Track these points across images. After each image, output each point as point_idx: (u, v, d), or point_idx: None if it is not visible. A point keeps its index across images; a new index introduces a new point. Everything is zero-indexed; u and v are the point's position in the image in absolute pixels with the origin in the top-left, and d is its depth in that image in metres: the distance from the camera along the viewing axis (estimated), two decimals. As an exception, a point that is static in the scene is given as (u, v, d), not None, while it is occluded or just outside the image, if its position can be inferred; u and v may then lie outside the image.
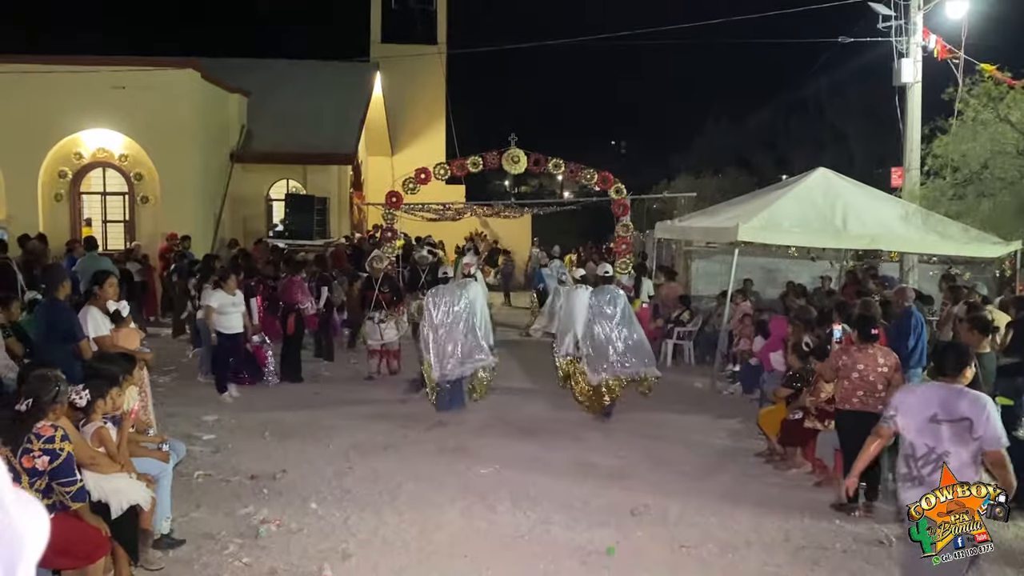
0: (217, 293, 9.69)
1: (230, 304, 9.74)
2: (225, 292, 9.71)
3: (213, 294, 9.72)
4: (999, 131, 12.25)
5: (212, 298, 9.70)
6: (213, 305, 9.64)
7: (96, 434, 4.85)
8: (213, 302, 9.66)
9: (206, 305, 9.78)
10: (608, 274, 10.15)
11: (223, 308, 9.69)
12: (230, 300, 9.74)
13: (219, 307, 9.66)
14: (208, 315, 9.68)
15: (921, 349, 8.19)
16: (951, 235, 10.74)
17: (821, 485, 7.15)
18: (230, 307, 9.74)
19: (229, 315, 9.75)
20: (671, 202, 24.79)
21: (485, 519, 6.12)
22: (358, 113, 22.27)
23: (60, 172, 17.52)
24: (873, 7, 14.26)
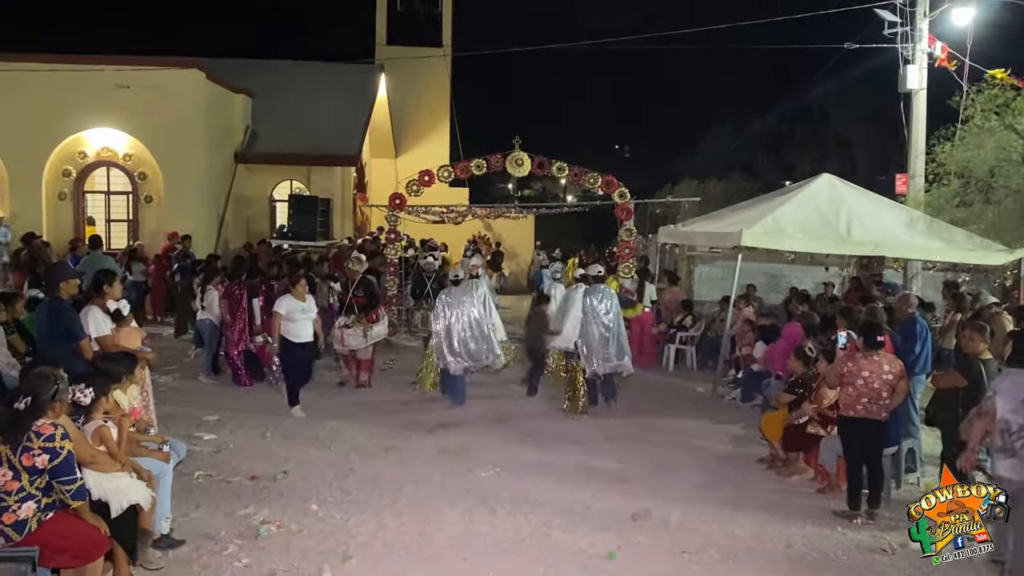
0: (286, 299, 9.07)
1: (299, 311, 9.03)
2: (294, 298, 9.06)
3: (282, 300, 9.09)
4: (1005, 139, 12.21)
5: (281, 304, 9.03)
6: (281, 312, 8.95)
7: (96, 432, 4.84)
8: (281, 308, 8.98)
9: (275, 311, 9.07)
10: (600, 274, 10.52)
11: (291, 315, 8.99)
12: (299, 306, 9.04)
13: (287, 314, 8.97)
14: (275, 322, 8.99)
15: (926, 356, 8.16)
16: (955, 242, 10.70)
17: (823, 492, 7.12)
18: (299, 314, 9.02)
19: (298, 322, 9.01)
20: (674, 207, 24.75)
21: (486, 522, 6.10)
22: (362, 115, 22.27)
23: (64, 171, 17.53)
24: (879, 13, 14.23)
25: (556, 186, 45.35)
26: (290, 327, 8.98)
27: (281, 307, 9.00)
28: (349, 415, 9.20)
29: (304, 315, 9.06)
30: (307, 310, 9.12)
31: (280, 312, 8.97)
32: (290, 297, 9.08)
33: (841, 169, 18.48)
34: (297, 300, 9.06)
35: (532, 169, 13.97)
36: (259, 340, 10.58)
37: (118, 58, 17.67)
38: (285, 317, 8.96)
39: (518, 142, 13.78)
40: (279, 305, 9.04)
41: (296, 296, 9.08)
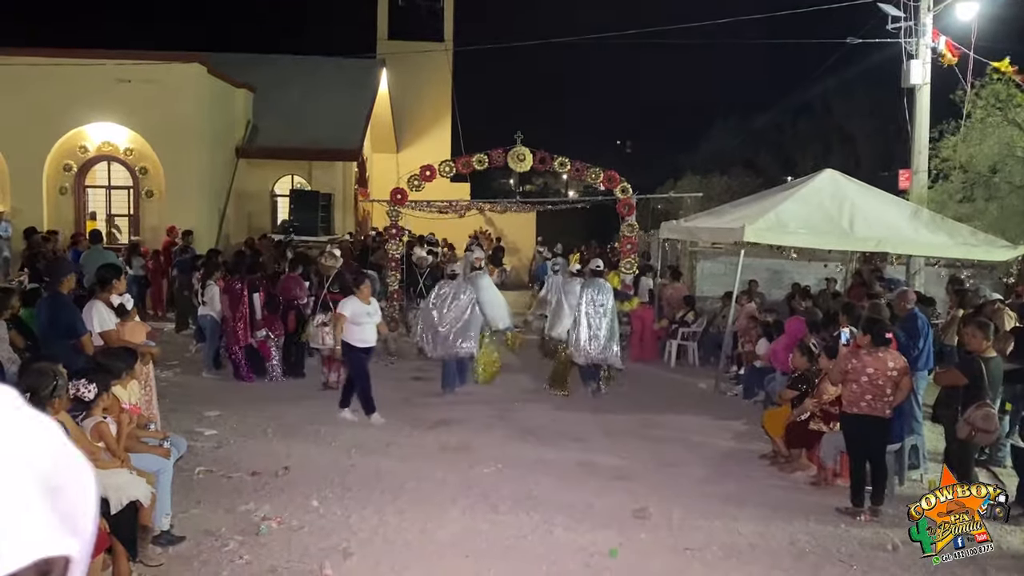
0: (351, 301, 8.65)
1: (364, 313, 8.63)
2: (359, 300, 8.64)
3: (346, 302, 8.67)
4: (1007, 134, 12.18)
5: (345, 306, 8.62)
6: (346, 314, 8.53)
7: (95, 429, 4.82)
8: (346, 311, 8.56)
9: (338, 313, 8.71)
10: (599, 268, 10.84)
11: (357, 318, 8.57)
12: (365, 309, 8.64)
13: (352, 316, 8.55)
14: (339, 324, 8.62)
15: (928, 352, 8.13)
16: (959, 238, 10.66)
17: (817, 484, 7.11)
18: (364, 317, 8.63)
19: (363, 326, 8.63)
20: (677, 202, 24.73)
21: (487, 519, 6.08)
22: (364, 110, 22.25)
23: (65, 165, 17.53)
24: (882, 8, 14.16)
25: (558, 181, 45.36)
26: (355, 331, 8.58)
27: (346, 309, 8.59)
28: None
29: (369, 318, 8.68)
30: (372, 313, 8.74)
31: (345, 315, 8.55)
32: (355, 299, 8.66)
33: (844, 165, 18.42)
34: (362, 302, 8.65)
35: (534, 164, 13.93)
36: (260, 335, 10.57)
37: (119, 52, 17.66)
38: (350, 320, 8.55)
39: (520, 137, 13.74)
40: (343, 307, 8.63)
41: (361, 298, 8.66)
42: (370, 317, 8.69)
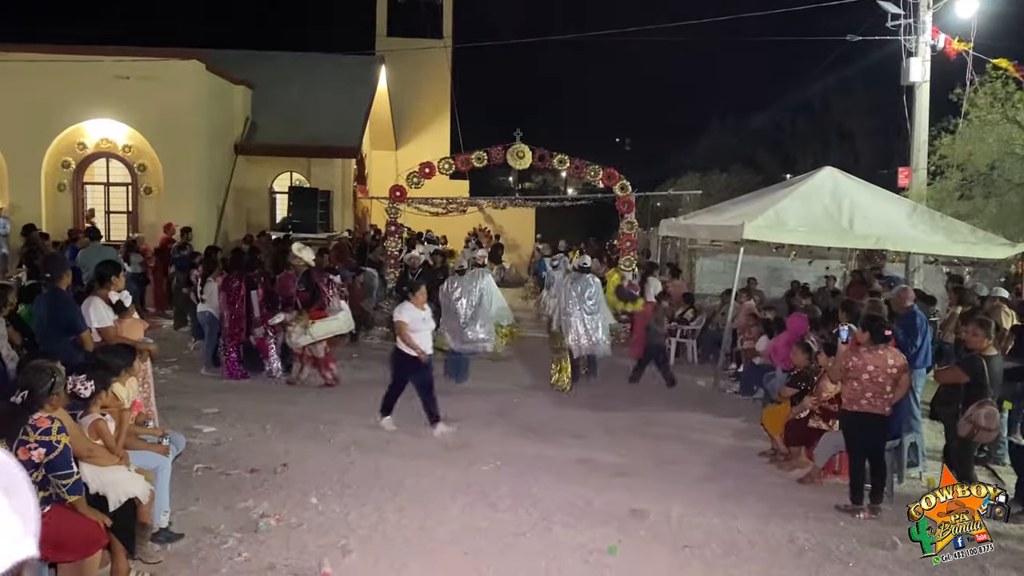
0: (406, 308, 8.31)
1: (420, 320, 8.33)
2: (414, 306, 8.31)
3: (402, 309, 8.36)
4: (1007, 132, 12.16)
5: (402, 313, 8.30)
6: (406, 320, 8.22)
7: (94, 426, 4.81)
8: (405, 317, 8.24)
9: (397, 320, 8.36)
10: (585, 265, 11.28)
11: (413, 324, 8.25)
12: (420, 315, 8.33)
13: (410, 322, 8.23)
14: (403, 332, 8.21)
15: (926, 349, 8.13)
16: (958, 236, 10.65)
17: (803, 482, 7.11)
18: (420, 323, 8.32)
19: (420, 332, 8.34)
20: (676, 200, 24.74)
21: (486, 516, 6.08)
22: (363, 107, 22.22)
23: (63, 162, 17.49)
24: (882, 5, 14.15)
25: (557, 179, 45.33)
26: (412, 337, 8.28)
27: (403, 315, 8.26)
28: (349, 408, 9.16)
29: (424, 325, 8.38)
30: (427, 319, 8.43)
31: (404, 321, 8.24)
32: (410, 305, 8.33)
33: (843, 162, 18.38)
34: (417, 309, 8.32)
35: (533, 162, 13.94)
36: (259, 332, 10.55)
37: (118, 49, 17.63)
38: (410, 327, 8.23)
39: (519, 134, 13.74)
40: (401, 314, 8.31)
41: (415, 304, 8.33)
42: (425, 324, 8.39)
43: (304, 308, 10.19)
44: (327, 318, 10.28)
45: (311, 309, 10.19)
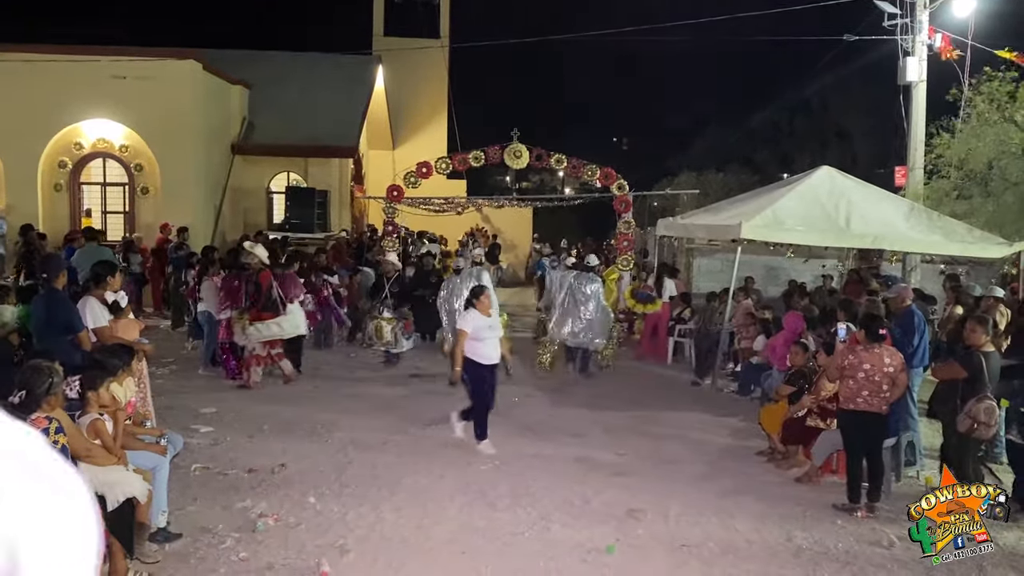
0: (470, 314, 7.73)
1: (486, 327, 7.74)
2: (479, 313, 7.73)
3: (466, 316, 7.79)
4: (1004, 131, 12.19)
5: (466, 321, 7.75)
6: (467, 329, 7.64)
7: (92, 426, 4.80)
8: (467, 326, 7.68)
9: (459, 329, 7.87)
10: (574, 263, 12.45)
11: (478, 332, 7.67)
12: (486, 323, 7.74)
13: (474, 331, 7.64)
14: (460, 341, 7.67)
15: (923, 348, 8.14)
16: (955, 235, 10.68)
17: (800, 481, 7.12)
18: (486, 331, 7.75)
19: (485, 341, 7.74)
20: (673, 199, 24.77)
21: (484, 516, 6.08)
22: (360, 106, 22.20)
23: (60, 162, 17.45)
24: (879, 5, 14.19)
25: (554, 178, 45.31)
26: (477, 347, 7.67)
27: (466, 324, 7.69)
28: (347, 408, 9.17)
29: (491, 332, 7.81)
30: (494, 326, 7.87)
31: (466, 330, 7.65)
32: (475, 312, 7.74)
33: (840, 161, 18.44)
34: (482, 315, 7.75)
35: (530, 161, 13.92)
36: None
37: (114, 49, 17.59)
38: (472, 336, 7.66)
39: (516, 134, 13.72)
40: (464, 323, 7.76)
41: (481, 311, 7.74)
42: (492, 331, 7.83)
43: (247, 308, 9.92)
44: (271, 320, 9.92)
45: (253, 310, 9.87)
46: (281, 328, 10.03)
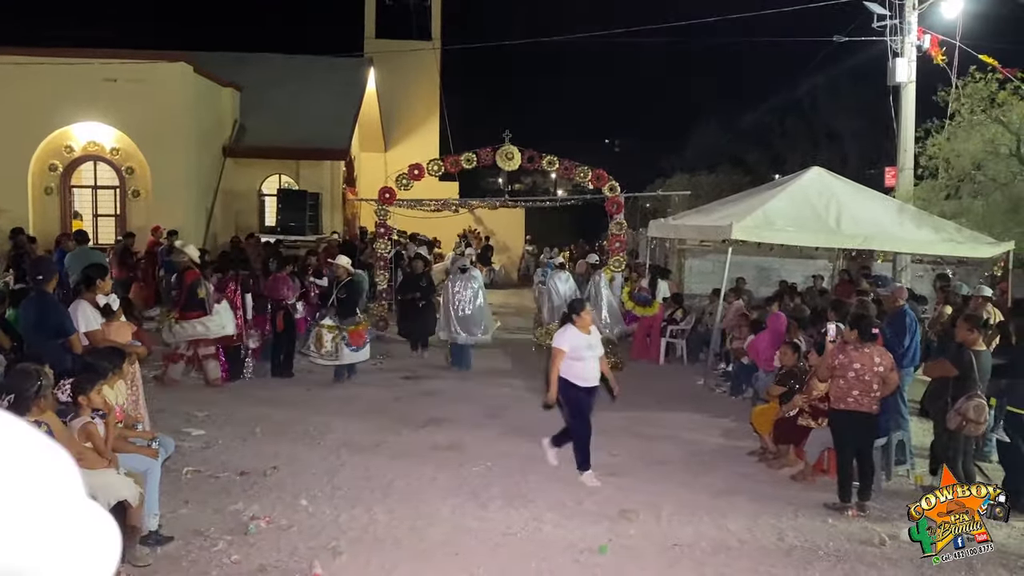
0: (568, 331, 6.98)
1: (585, 347, 6.95)
2: (578, 330, 6.98)
3: (564, 333, 7.01)
4: (992, 132, 12.26)
5: (563, 339, 6.92)
6: (564, 348, 6.87)
7: (83, 429, 4.79)
8: (564, 344, 6.87)
9: (555, 347, 6.97)
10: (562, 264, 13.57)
11: (577, 351, 6.90)
12: (585, 341, 6.96)
13: (572, 350, 6.89)
14: (556, 361, 6.88)
15: (915, 348, 8.19)
16: (945, 235, 10.74)
17: (796, 479, 7.14)
18: (586, 350, 6.94)
19: (585, 361, 6.94)
20: (665, 200, 24.82)
21: (477, 517, 6.08)
22: (351, 109, 22.19)
23: (50, 165, 17.39)
24: (868, 6, 14.25)
25: (547, 180, 45.39)
26: (575, 367, 6.93)
27: (563, 343, 6.93)
28: (340, 410, 9.16)
29: (590, 351, 7.02)
30: (593, 345, 7.06)
31: (563, 348, 6.89)
32: (572, 329, 7.01)
33: (831, 162, 18.50)
34: (581, 333, 7.00)
35: (522, 163, 13.93)
36: (254, 339, 10.55)
37: (105, 51, 17.53)
38: (569, 355, 6.92)
39: (508, 136, 13.73)
40: (561, 340, 6.98)
41: (580, 327, 7.01)
42: (591, 350, 7.03)
43: (172, 307, 9.90)
44: (196, 319, 9.76)
45: (178, 309, 9.80)
46: (206, 328, 9.88)
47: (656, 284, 14.21)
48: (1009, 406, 6.70)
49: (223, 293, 10.31)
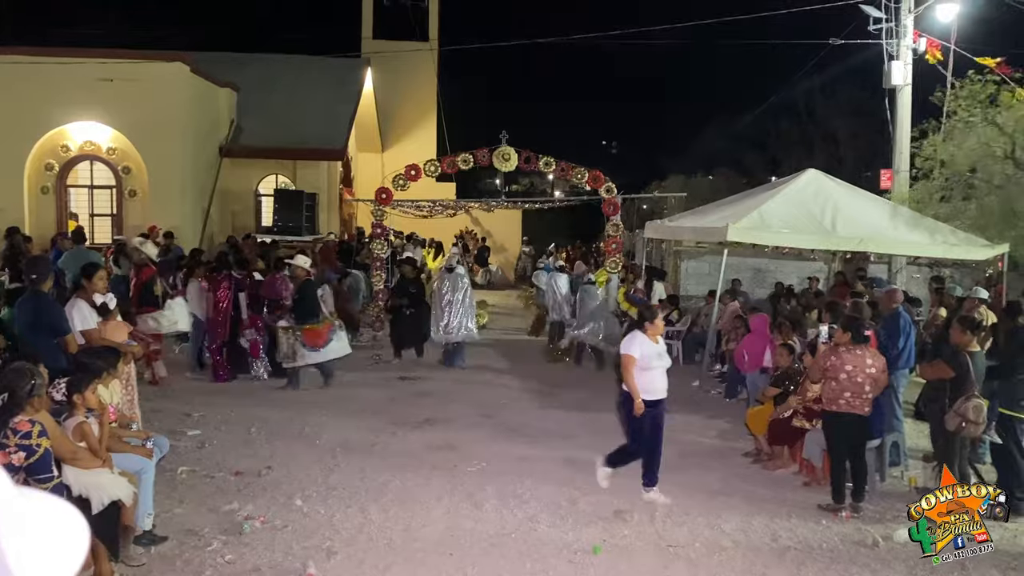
0: (637, 339, 6.54)
1: (655, 355, 6.52)
2: (647, 338, 6.57)
3: (633, 340, 6.56)
4: (987, 134, 12.29)
5: (632, 346, 6.50)
6: (635, 355, 6.44)
7: (77, 429, 4.79)
8: (634, 351, 6.45)
9: (625, 355, 6.50)
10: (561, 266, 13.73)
11: (647, 361, 6.47)
12: (655, 350, 6.54)
13: (642, 359, 6.46)
14: (629, 369, 6.43)
15: (909, 350, 8.21)
16: (940, 237, 10.77)
17: (808, 485, 7.15)
18: (655, 359, 6.51)
19: (652, 371, 6.49)
20: (661, 202, 24.85)
21: (471, 517, 6.09)
22: (348, 109, 22.15)
23: (47, 165, 17.35)
24: (864, 9, 14.29)
25: (543, 181, 45.41)
26: (643, 377, 6.45)
27: (633, 350, 6.45)
28: (335, 411, 9.15)
29: (660, 361, 6.57)
30: (663, 354, 6.65)
31: (634, 356, 6.44)
32: (641, 336, 6.56)
33: (827, 165, 18.55)
34: (651, 341, 6.58)
35: (519, 164, 13.94)
36: (249, 335, 10.52)
37: (101, 51, 17.49)
38: (639, 364, 6.47)
39: (505, 137, 13.74)
40: (630, 347, 6.49)
41: (650, 335, 6.59)
42: (661, 359, 6.58)
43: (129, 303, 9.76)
44: (147, 315, 9.70)
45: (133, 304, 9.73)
46: (158, 323, 9.86)
47: (652, 285, 14.24)
48: (1000, 407, 6.72)
49: (216, 293, 10.31)
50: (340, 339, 10.50)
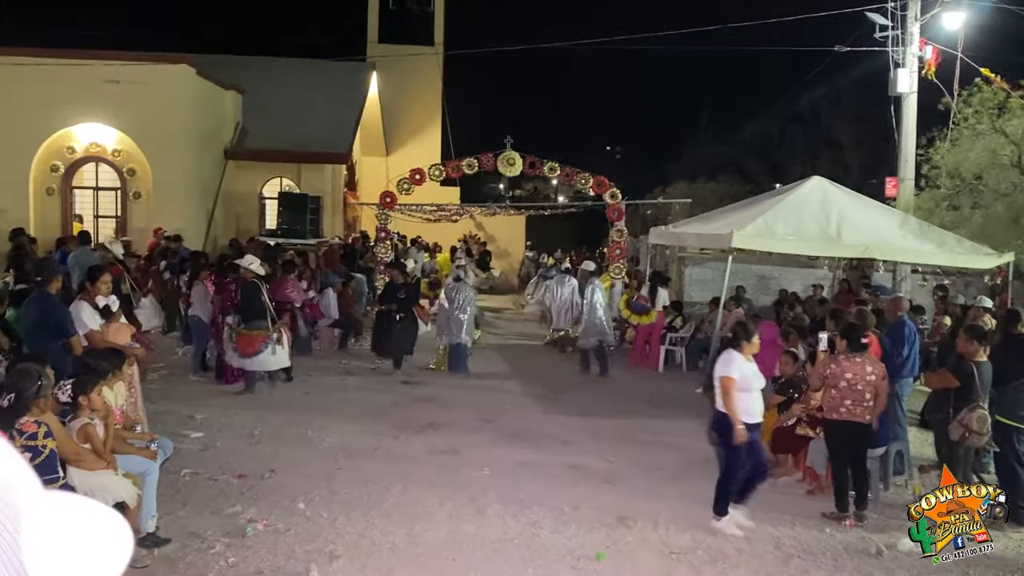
0: (735, 359, 6.13)
1: (752, 375, 6.16)
2: (743, 357, 6.16)
3: (731, 360, 6.13)
4: (994, 142, 12.28)
5: (731, 366, 6.08)
6: (735, 376, 6.03)
7: (82, 430, 4.79)
8: (734, 372, 6.04)
9: (723, 376, 6.08)
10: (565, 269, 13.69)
11: (745, 382, 6.09)
12: (752, 369, 6.18)
13: (741, 380, 6.07)
14: (729, 391, 6.01)
15: (913, 359, 8.19)
16: (945, 245, 10.75)
17: (813, 493, 7.13)
18: (753, 380, 6.16)
19: (751, 393, 6.13)
20: (665, 208, 24.82)
21: (474, 522, 6.08)
22: (353, 112, 22.19)
23: (52, 166, 17.40)
24: (870, 17, 14.30)
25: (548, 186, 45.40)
26: (741, 399, 6.04)
27: (733, 370, 6.05)
28: (338, 415, 9.15)
29: (757, 381, 6.22)
30: (759, 374, 6.28)
31: (734, 377, 6.04)
32: (739, 356, 6.15)
33: (832, 172, 18.56)
34: (747, 360, 6.19)
35: (524, 169, 13.98)
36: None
37: (107, 53, 17.55)
38: (739, 386, 6.06)
39: (510, 142, 13.78)
40: (729, 368, 6.07)
41: (746, 354, 6.20)
42: (757, 380, 6.22)
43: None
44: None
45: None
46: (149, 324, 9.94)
47: (656, 292, 14.24)
48: (998, 416, 6.71)
49: (223, 292, 10.31)
50: (276, 352, 9.92)
